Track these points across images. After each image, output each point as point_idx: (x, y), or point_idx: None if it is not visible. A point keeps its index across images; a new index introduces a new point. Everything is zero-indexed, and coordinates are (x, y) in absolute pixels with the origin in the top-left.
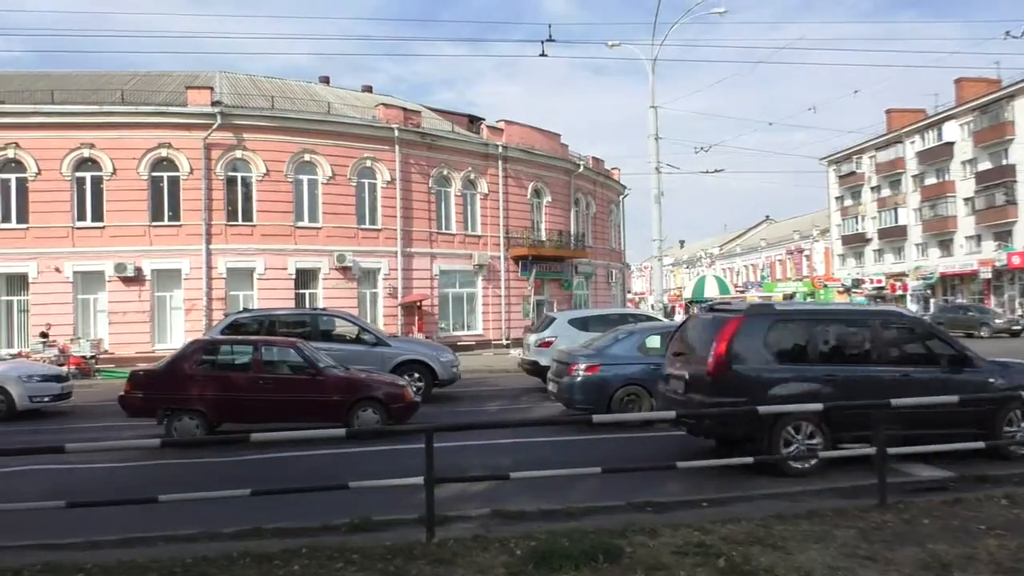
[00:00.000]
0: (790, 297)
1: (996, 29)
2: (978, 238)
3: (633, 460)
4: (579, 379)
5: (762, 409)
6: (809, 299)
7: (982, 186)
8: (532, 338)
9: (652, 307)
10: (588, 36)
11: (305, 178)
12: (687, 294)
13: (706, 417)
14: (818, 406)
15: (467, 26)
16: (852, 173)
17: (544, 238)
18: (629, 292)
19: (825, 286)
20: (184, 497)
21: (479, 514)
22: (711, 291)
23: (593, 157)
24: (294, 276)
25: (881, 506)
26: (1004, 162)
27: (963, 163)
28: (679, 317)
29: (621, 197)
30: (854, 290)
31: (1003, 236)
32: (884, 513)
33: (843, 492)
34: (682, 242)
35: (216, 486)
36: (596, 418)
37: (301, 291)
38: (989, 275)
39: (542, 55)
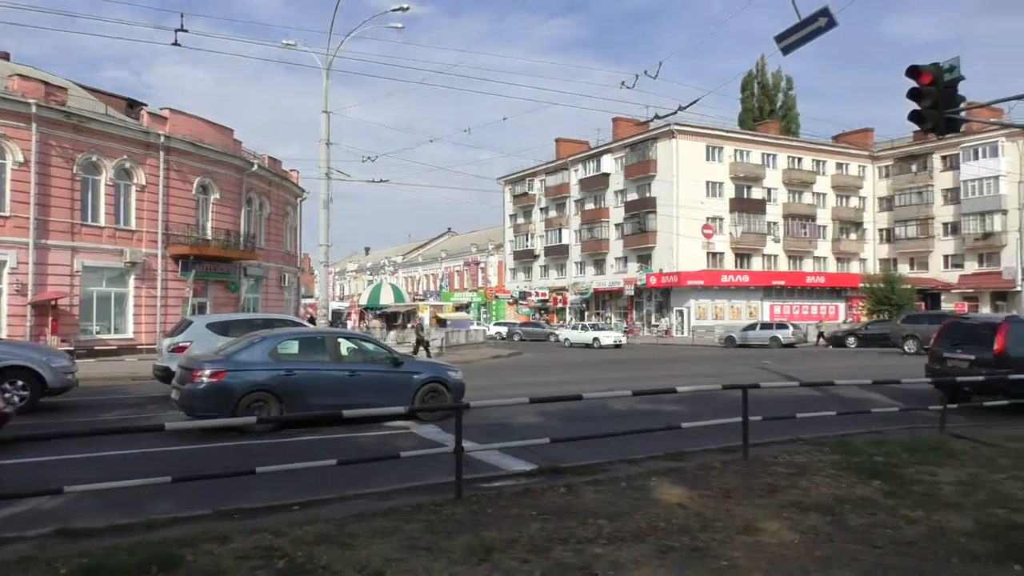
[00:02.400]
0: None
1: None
2: (625, 260)
3: (229, 468)
4: (202, 386)
5: None
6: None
7: (630, 214)
8: (166, 343)
9: (318, 313)
10: (268, 34)
11: None
12: (363, 300)
13: (995, 382)
14: None
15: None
16: (525, 194)
17: (210, 237)
18: (309, 297)
19: (496, 297)
20: None
21: (39, 534)
22: (386, 299)
23: (269, 157)
24: None
25: (457, 499)
26: (647, 194)
27: (616, 192)
28: (350, 323)
29: (299, 200)
30: (520, 302)
31: (645, 259)
32: (457, 506)
33: (432, 488)
34: (367, 249)
35: None
36: (168, 425)
37: None
38: (632, 292)
39: (175, 44)
